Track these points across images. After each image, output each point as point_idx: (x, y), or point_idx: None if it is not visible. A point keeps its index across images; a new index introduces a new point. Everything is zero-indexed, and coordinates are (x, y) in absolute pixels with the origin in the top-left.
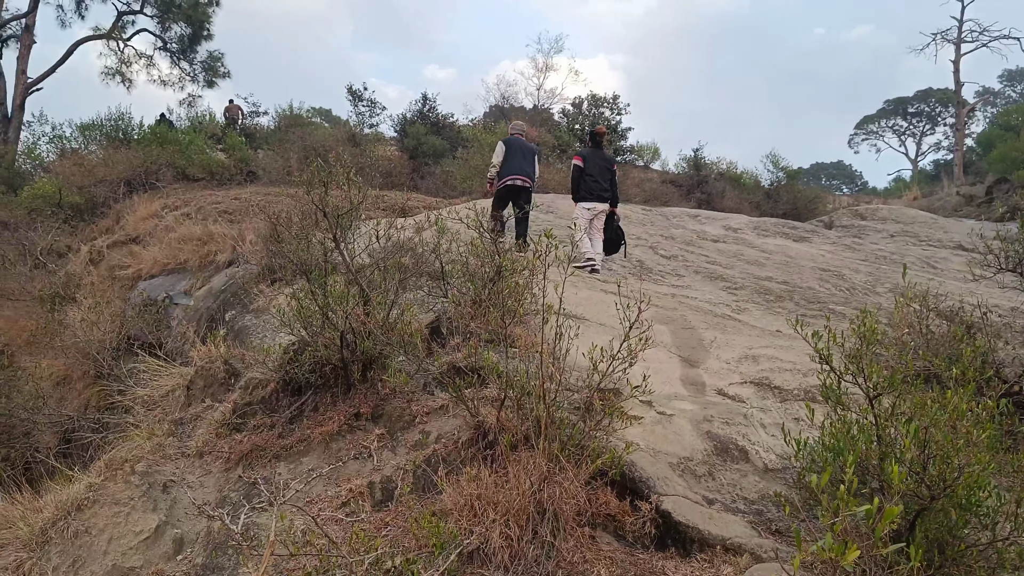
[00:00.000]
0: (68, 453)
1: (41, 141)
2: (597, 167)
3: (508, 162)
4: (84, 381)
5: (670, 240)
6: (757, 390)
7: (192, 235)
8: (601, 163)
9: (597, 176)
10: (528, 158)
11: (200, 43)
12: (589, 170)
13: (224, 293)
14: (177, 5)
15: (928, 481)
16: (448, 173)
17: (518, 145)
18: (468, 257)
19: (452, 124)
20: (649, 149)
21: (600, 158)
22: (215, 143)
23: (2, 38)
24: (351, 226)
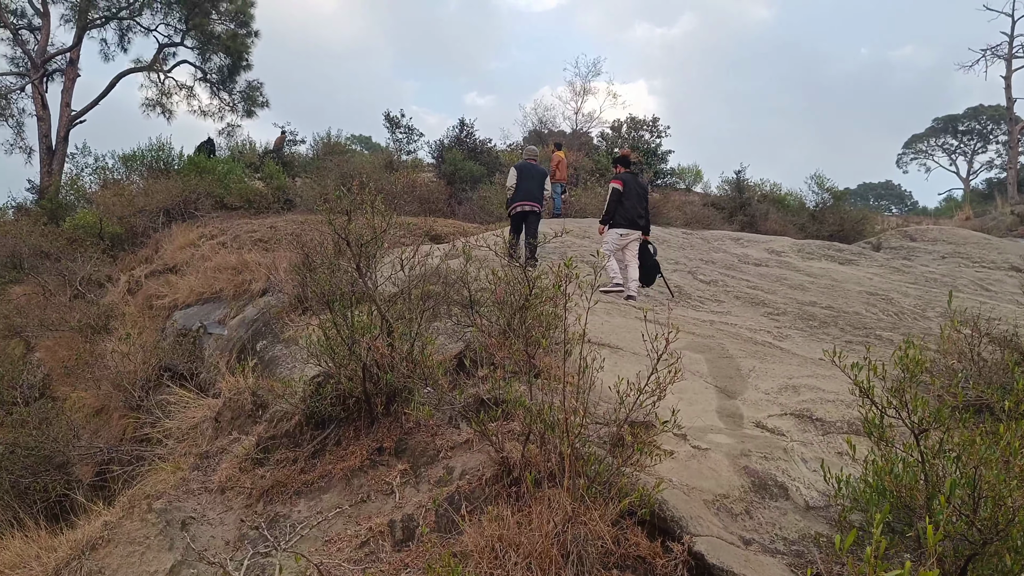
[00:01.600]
0: (102, 485)
1: (84, 172)
2: (635, 193)
3: (519, 187)
4: (119, 412)
5: (710, 264)
6: (798, 422)
7: (227, 264)
8: (638, 189)
9: (635, 202)
10: (538, 181)
11: (239, 73)
12: (627, 195)
13: (256, 322)
14: (217, 37)
15: (979, 524)
16: (485, 199)
17: (529, 169)
18: (494, 285)
19: (490, 149)
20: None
21: (637, 184)
22: (253, 172)
23: (48, 72)
24: (375, 255)
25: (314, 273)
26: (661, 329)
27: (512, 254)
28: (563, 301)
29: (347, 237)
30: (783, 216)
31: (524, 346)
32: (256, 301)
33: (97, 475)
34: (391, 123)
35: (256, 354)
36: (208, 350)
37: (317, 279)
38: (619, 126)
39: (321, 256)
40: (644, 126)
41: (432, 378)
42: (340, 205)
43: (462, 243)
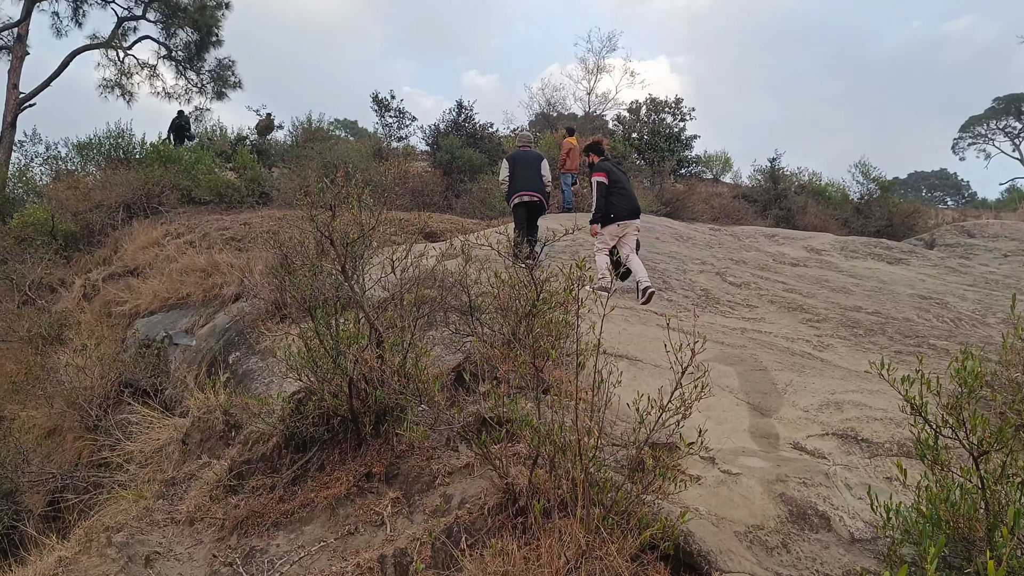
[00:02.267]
0: (55, 516)
1: (34, 163)
2: (621, 180)
3: (515, 178)
4: (74, 433)
5: (741, 265)
6: (841, 443)
7: (196, 266)
8: (623, 176)
9: (628, 188)
10: (535, 170)
11: (208, 50)
12: (616, 183)
13: (229, 332)
14: (183, 9)
15: None
16: (486, 191)
17: (522, 158)
18: (497, 289)
19: (491, 135)
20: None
21: (620, 170)
22: (224, 161)
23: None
24: (363, 255)
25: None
26: (686, 338)
27: (519, 254)
28: (575, 307)
29: (331, 235)
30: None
31: (531, 358)
32: (228, 308)
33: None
34: (380, 106)
35: (228, 367)
36: (174, 363)
37: (297, 283)
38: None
39: (301, 257)
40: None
41: (427, 394)
42: (323, 199)
43: (460, 241)
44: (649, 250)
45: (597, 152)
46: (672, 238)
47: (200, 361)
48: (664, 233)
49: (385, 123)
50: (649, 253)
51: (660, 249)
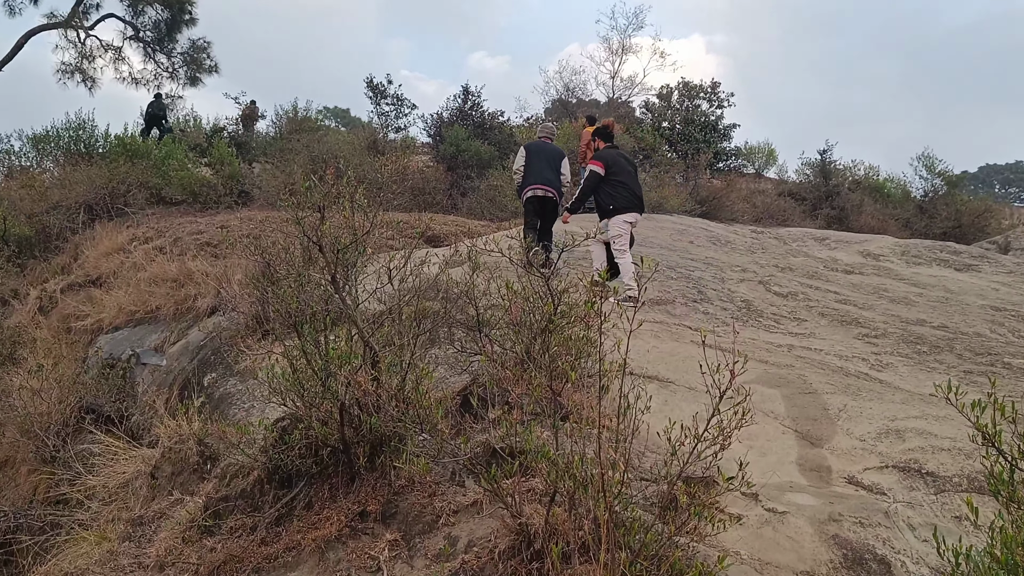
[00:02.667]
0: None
1: None
2: (626, 170)
3: (529, 169)
4: (28, 466)
5: (787, 272)
6: (903, 477)
7: (166, 275)
8: (627, 165)
9: (632, 180)
10: (553, 164)
11: (180, 30)
12: (617, 175)
13: (204, 350)
14: None
15: None
16: (496, 188)
17: (541, 150)
18: (509, 301)
19: (502, 125)
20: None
21: (623, 158)
22: (199, 156)
23: None
24: (356, 263)
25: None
26: (724, 357)
27: (533, 259)
28: (598, 321)
29: (319, 241)
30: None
31: (548, 380)
32: (203, 322)
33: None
34: (375, 92)
35: (203, 391)
36: (142, 385)
37: (281, 295)
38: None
39: (286, 265)
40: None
41: (429, 422)
42: (310, 199)
43: (467, 247)
44: (683, 256)
45: (604, 138)
46: (708, 242)
47: (171, 383)
48: (699, 236)
49: (381, 111)
50: (682, 259)
51: (695, 254)
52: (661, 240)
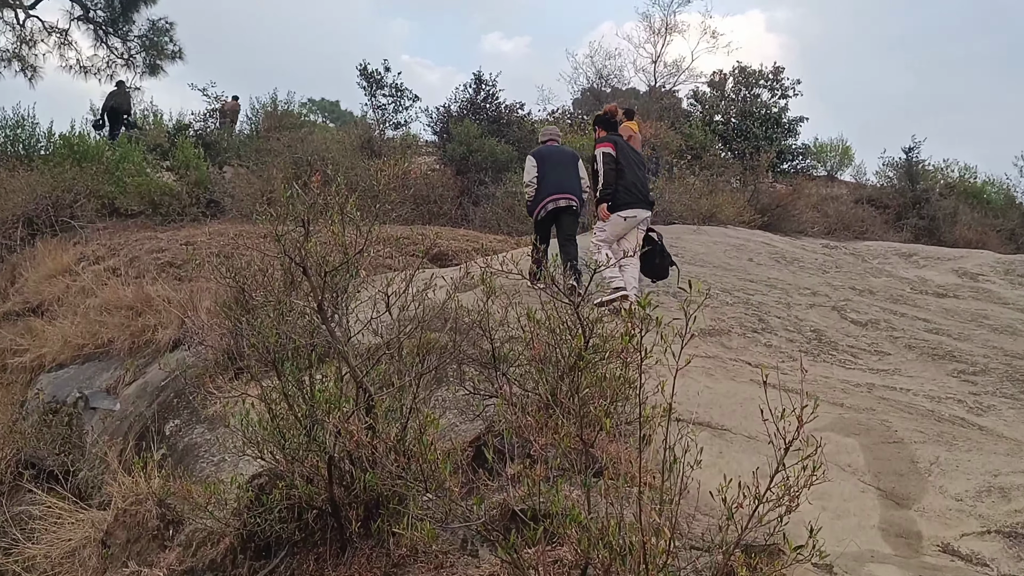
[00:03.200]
0: None
1: None
2: (632, 160)
3: (544, 179)
4: None
5: (866, 296)
6: (1009, 544)
7: (121, 302)
8: (633, 155)
9: (636, 171)
10: (569, 168)
11: (138, 9)
12: (624, 161)
13: (165, 391)
14: None
15: None
16: (514, 196)
17: (553, 154)
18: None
19: (521, 120)
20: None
21: (630, 148)
22: (159, 159)
23: None
24: (347, 287)
25: (253, 316)
26: (791, 399)
27: (538, 276)
28: (638, 357)
29: (304, 261)
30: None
31: (578, 428)
32: (164, 359)
33: None
34: (369, 81)
35: (165, 440)
36: (92, 434)
37: (258, 325)
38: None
39: (264, 290)
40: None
41: (435, 479)
42: (293, 211)
43: (480, 267)
44: (740, 276)
45: (605, 126)
46: (771, 259)
47: (126, 431)
48: (760, 252)
49: (377, 104)
50: (740, 280)
51: (755, 274)
52: (714, 257)
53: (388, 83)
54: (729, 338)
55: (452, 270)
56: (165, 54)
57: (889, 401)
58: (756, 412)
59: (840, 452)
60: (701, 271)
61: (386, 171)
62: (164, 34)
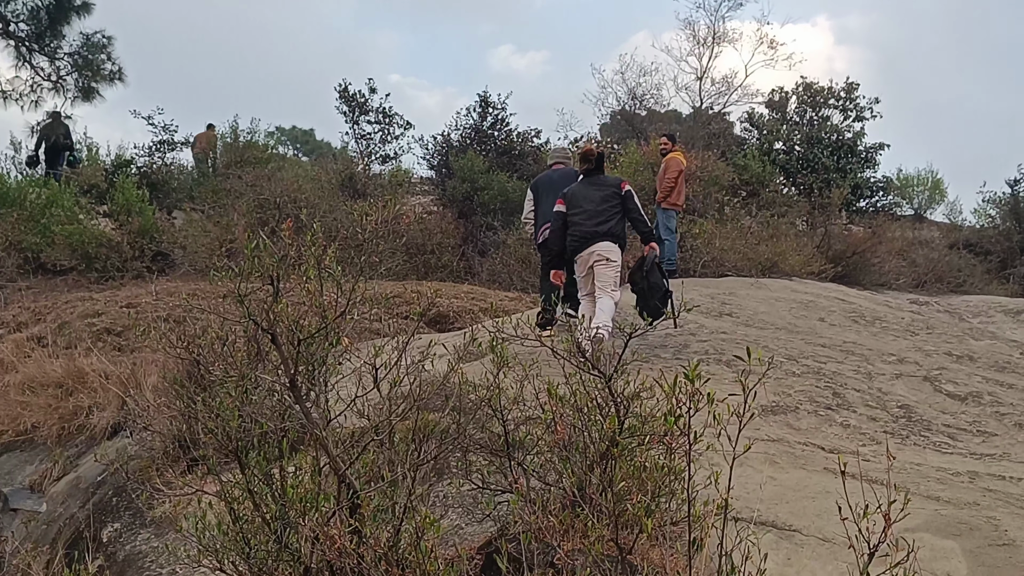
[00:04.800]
0: None
1: None
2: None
3: (540, 209)
4: None
5: (966, 363)
6: None
7: (48, 378)
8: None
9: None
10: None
11: (69, 20)
12: (570, 212)
13: (102, 488)
14: None
15: None
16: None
17: (555, 181)
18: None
19: (537, 150)
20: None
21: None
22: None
23: None
24: (326, 359)
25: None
26: (875, 492)
27: (548, 319)
28: (685, 442)
29: (272, 327)
30: None
31: (612, 530)
32: (101, 448)
33: None
34: (351, 105)
35: (102, 548)
36: (12, 542)
37: (216, 406)
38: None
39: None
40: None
41: None
42: (259, 265)
43: (488, 331)
44: (809, 340)
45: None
46: (846, 318)
47: (55, 538)
48: (833, 310)
49: (361, 133)
50: (809, 345)
51: (827, 338)
52: (777, 317)
53: (374, 107)
54: (797, 416)
55: (454, 335)
56: (102, 75)
57: (996, 493)
58: (832, 509)
59: (937, 558)
60: (761, 334)
61: (373, 215)
62: (100, 51)
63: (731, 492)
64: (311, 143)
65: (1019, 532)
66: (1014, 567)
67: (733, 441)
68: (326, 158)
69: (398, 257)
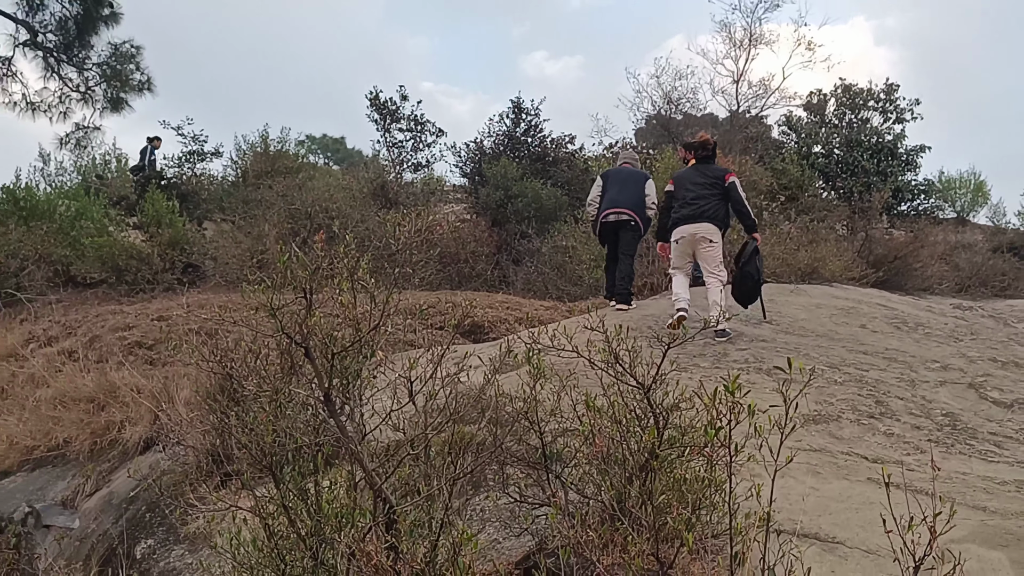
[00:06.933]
0: None
1: None
2: (690, 185)
3: (605, 195)
4: None
5: (1011, 369)
6: None
7: (80, 393)
8: (700, 179)
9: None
10: (631, 187)
11: (97, 30)
12: (677, 194)
13: (135, 504)
14: None
15: None
16: (565, 250)
17: (618, 174)
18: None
19: (572, 156)
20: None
21: (700, 173)
22: (125, 214)
23: None
24: (360, 372)
25: (244, 409)
26: (920, 503)
27: (625, 297)
28: (726, 454)
29: (306, 340)
30: None
31: (652, 544)
32: (134, 463)
33: None
34: (382, 112)
35: (136, 565)
36: (45, 559)
37: (250, 421)
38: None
39: (257, 377)
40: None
41: None
42: (291, 277)
43: (524, 342)
44: (851, 347)
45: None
46: (889, 324)
47: (88, 555)
48: (875, 316)
49: (392, 141)
50: (850, 353)
51: (869, 345)
52: (817, 324)
53: (405, 115)
54: (839, 426)
55: (490, 346)
56: (130, 85)
57: None
58: (876, 520)
59: (985, 570)
60: (802, 341)
61: (405, 225)
62: (129, 61)
63: (773, 504)
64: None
65: None
66: None
67: (775, 452)
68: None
69: (431, 267)
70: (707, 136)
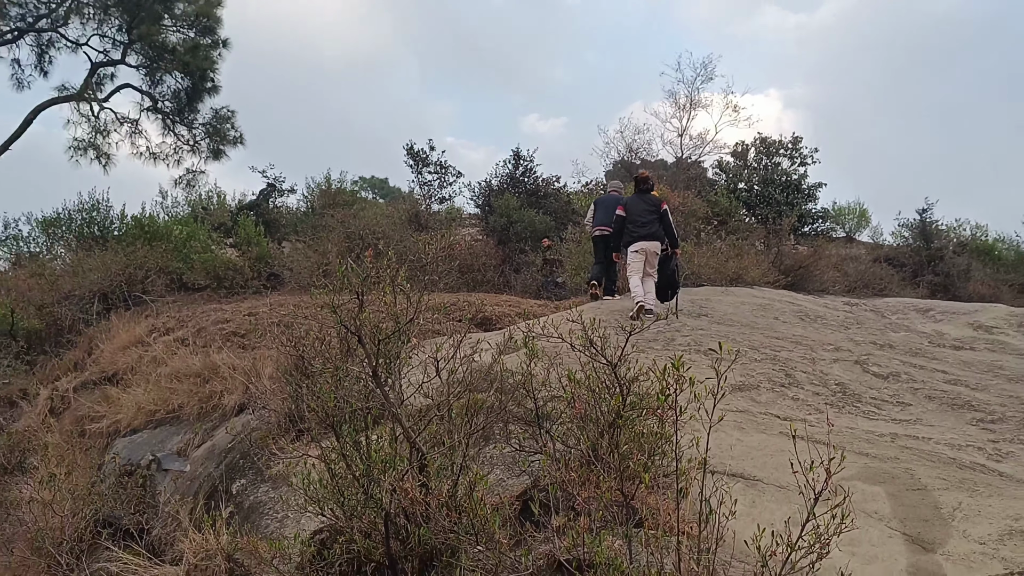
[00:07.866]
0: None
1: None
2: (639, 211)
3: (596, 217)
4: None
5: (887, 350)
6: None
7: (189, 370)
8: (644, 207)
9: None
10: (613, 209)
11: (202, 99)
12: (630, 218)
13: (231, 453)
14: (171, 50)
15: None
16: (552, 263)
17: (605, 200)
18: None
19: (558, 191)
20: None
21: (643, 202)
22: (223, 236)
23: None
24: (400, 353)
25: (312, 381)
26: (819, 450)
27: (610, 289)
28: (673, 414)
29: (359, 330)
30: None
31: (618, 482)
32: (230, 422)
33: None
34: (415, 159)
35: (232, 499)
36: (164, 494)
37: (317, 390)
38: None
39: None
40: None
41: (485, 532)
42: (348, 283)
43: (522, 331)
44: (767, 334)
45: (636, 186)
46: (795, 317)
47: (196, 491)
48: (785, 311)
49: (423, 181)
50: (766, 338)
51: (781, 332)
52: (742, 317)
53: (433, 161)
54: (758, 393)
55: (496, 334)
56: (227, 140)
57: (912, 450)
58: (786, 463)
59: (867, 500)
60: (729, 330)
61: (433, 244)
62: (226, 121)
63: (708, 452)
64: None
65: (929, 479)
66: (925, 506)
67: (710, 413)
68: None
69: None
70: (646, 173)
